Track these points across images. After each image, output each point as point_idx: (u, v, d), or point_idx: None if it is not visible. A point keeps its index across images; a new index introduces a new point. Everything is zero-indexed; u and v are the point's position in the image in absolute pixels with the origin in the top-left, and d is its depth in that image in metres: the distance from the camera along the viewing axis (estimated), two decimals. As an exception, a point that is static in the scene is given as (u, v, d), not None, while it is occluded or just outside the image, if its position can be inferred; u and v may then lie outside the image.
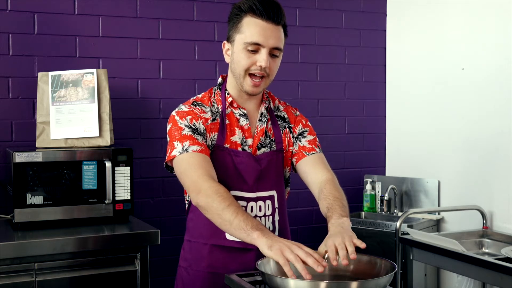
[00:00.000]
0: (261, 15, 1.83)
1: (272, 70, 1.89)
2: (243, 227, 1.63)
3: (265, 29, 1.83)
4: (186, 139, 1.85)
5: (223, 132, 1.91)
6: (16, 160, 2.61)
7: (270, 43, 1.84)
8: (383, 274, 1.60)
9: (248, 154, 1.92)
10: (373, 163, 4.00)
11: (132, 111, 3.30)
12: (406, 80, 3.87)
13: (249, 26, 1.84)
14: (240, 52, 1.86)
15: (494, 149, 3.22)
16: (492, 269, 2.53)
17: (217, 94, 1.98)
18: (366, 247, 1.61)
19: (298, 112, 2.11)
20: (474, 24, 3.36)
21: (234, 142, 1.92)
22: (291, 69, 3.69)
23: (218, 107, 1.95)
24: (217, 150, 1.91)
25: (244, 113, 1.96)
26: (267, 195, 1.95)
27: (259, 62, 1.84)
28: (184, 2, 3.41)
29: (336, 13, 3.85)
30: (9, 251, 2.37)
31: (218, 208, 1.69)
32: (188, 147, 1.83)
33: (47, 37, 3.11)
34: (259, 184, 1.93)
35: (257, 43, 1.83)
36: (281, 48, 1.89)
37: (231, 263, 1.91)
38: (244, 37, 1.85)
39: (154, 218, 3.33)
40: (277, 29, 1.86)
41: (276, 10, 1.84)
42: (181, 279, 2.01)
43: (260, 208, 1.93)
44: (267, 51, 1.84)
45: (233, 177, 1.90)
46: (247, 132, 1.95)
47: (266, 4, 1.83)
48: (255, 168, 1.92)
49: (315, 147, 2.03)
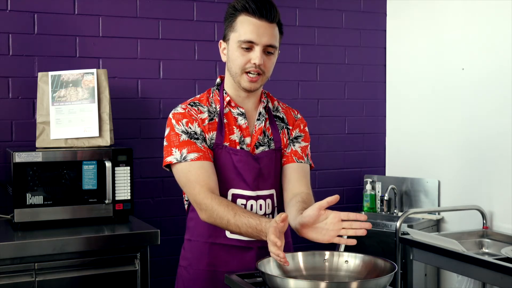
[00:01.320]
0: (254, 13, 1.85)
1: (267, 67, 1.90)
2: (254, 235, 1.74)
3: (258, 27, 1.85)
4: (184, 146, 1.88)
5: (221, 131, 1.92)
6: (16, 160, 2.61)
7: (264, 40, 1.86)
8: (383, 274, 1.60)
9: (246, 152, 1.93)
10: (373, 163, 4.00)
11: (132, 111, 3.30)
12: (406, 80, 3.87)
13: (243, 25, 1.87)
14: (235, 50, 1.89)
15: (494, 149, 3.22)
16: (492, 269, 2.53)
17: (215, 94, 1.99)
18: (366, 247, 1.61)
19: (299, 115, 2.12)
20: (474, 24, 3.36)
21: (233, 140, 1.93)
22: (291, 69, 3.69)
23: (216, 107, 1.97)
24: (216, 149, 1.92)
25: (242, 112, 1.97)
26: (267, 194, 1.96)
27: (253, 60, 1.86)
28: (184, 2, 3.41)
29: (336, 13, 3.85)
30: (9, 251, 2.37)
31: (222, 225, 1.82)
32: (186, 156, 1.86)
33: (47, 37, 3.11)
34: (259, 183, 1.94)
35: (250, 41, 1.86)
36: (275, 45, 1.90)
37: (231, 262, 1.92)
38: (238, 35, 1.87)
39: (154, 218, 3.33)
40: (271, 27, 1.88)
41: (269, 8, 1.87)
42: (181, 278, 2.01)
43: (260, 207, 1.94)
44: (261, 49, 1.86)
45: (233, 175, 1.92)
46: (245, 131, 1.96)
47: (259, 2, 1.86)
48: (253, 166, 1.92)
49: (305, 156, 2.04)
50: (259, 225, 1.70)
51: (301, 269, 1.72)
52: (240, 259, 1.92)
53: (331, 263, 1.71)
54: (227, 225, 1.78)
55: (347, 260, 1.72)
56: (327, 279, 1.68)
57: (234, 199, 1.91)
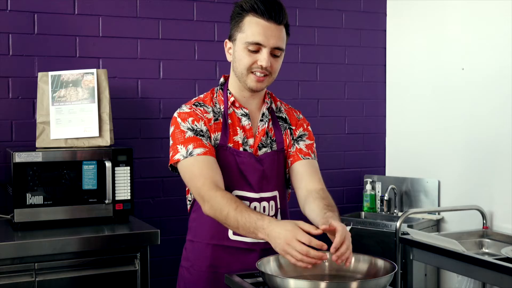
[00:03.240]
0: (263, 14, 1.82)
1: (274, 69, 1.89)
2: (251, 231, 1.69)
3: (266, 29, 1.83)
4: (190, 142, 1.85)
5: (226, 132, 1.91)
6: (16, 160, 2.61)
7: (271, 43, 1.84)
8: (383, 274, 1.60)
9: (249, 154, 1.92)
10: (373, 163, 4.00)
11: (132, 111, 3.30)
12: (406, 80, 3.87)
13: (251, 26, 1.84)
14: (241, 51, 1.86)
15: (494, 149, 3.22)
16: (492, 269, 2.53)
17: (219, 94, 1.98)
18: (366, 247, 1.61)
19: (301, 115, 2.11)
20: (474, 24, 3.36)
21: (236, 141, 1.92)
22: (291, 69, 3.69)
23: (220, 107, 1.95)
24: (220, 150, 1.91)
25: (246, 113, 1.96)
26: (270, 196, 1.95)
27: (260, 62, 1.84)
28: (184, 2, 3.41)
29: (336, 13, 3.85)
30: (9, 251, 2.37)
31: (222, 217, 1.76)
32: (192, 151, 1.84)
33: (47, 37, 3.11)
34: (263, 185, 1.93)
35: (258, 43, 1.83)
36: (282, 48, 1.88)
37: (233, 263, 1.91)
38: (245, 36, 1.84)
39: (154, 218, 3.33)
40: (279, 29, 1.85)
41: (278, 10, 1.84)
42: (183, 279, 2.01)
43: (264, 209, 1.92)
44: (268, 51, 1.84)
45: (236, 177, 1.90)
46: (249, 132, 1.95)
47: (268, 3, 1.83)
48: (257, 168, 1.92)
49: (311, 152, 2.02)
50: (260, 220, 1.66)
51: (301, 269, 1.72)
52: (242, 261, 1.90)
53: (331, 263, 1.71)
54: (226, 218, 1.73)
55: (347, 260, 1.72)
56: (327, 279, 1.68)
57: None
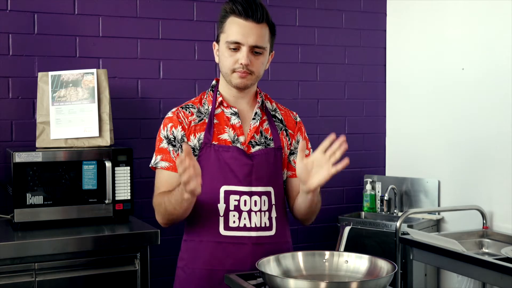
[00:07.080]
0: (240, 14, 1.92)
1: (256, 67, 1.95)
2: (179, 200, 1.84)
3: (244, 28, 1.91)
4: (160, 152, 2.00)
5: (210, 130, 1.98)
6: (16, 160, 2.61)
7: (250, 41, 1.91)
8: (383, 274, 1.60)
9: (237, 149, 1.97)
10: (373, 163, 4.00)
11: (132, 111, 3.30)
12: (406, 80, 3.87)
13: (230, 26, 1.94)
14: (224, 51, 1.96)
15: (494, 149, 3.22)
16: (492, 269, 2.53)
17: (209, 95, 2.06)
18: (366, 247, 1.62)
19: (298, 118, 2.16)
20: (474, 24, 3.36)
21: (223, 140, 1.98)
22: (291, 69, 3.68)
23: (208, 107, 2.03)
24: (205, 148, 1.97)
25: (235, 112, 2.02)
26: (263, 191, 1.97)
27: (240, 60, 1.92)
28: (184, 2, 3.41)
29: (336, 13, 3.85)
30: (9, 251, 2.37)
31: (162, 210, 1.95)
32: (158, 162, 2.00)
33: (47, 37, 3.11)
34: (252, 179, 1.96)
35: (237, 42, 1.92)
36: (262, 46, 1.94)
37: (226, 259, 1.93)
38: (226, 36, 1.95)
39: (154, 218, 3.30)
40: (258, 27, 1.93)
41: (255, 8, 1.92)
42: (178, 279, 2.04)
43: (255, 203, 1.95)
44: (247, 49, 1.92)
45: (223, 172, 1.95)
46: (239, 130, 2.00)
47: (246, 3, 1.92)
48: (245, 162, 1.95)
49: None
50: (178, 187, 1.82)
51: (301, 269, 1.72)
52: (235, 256, 1.93)
53: (331, 263, 1.72)
54: (166, 207, 1.89)
55: (347, 260, 1.72)
56: (327, 279, 1.68)
57: (227, 196, 1.94)
